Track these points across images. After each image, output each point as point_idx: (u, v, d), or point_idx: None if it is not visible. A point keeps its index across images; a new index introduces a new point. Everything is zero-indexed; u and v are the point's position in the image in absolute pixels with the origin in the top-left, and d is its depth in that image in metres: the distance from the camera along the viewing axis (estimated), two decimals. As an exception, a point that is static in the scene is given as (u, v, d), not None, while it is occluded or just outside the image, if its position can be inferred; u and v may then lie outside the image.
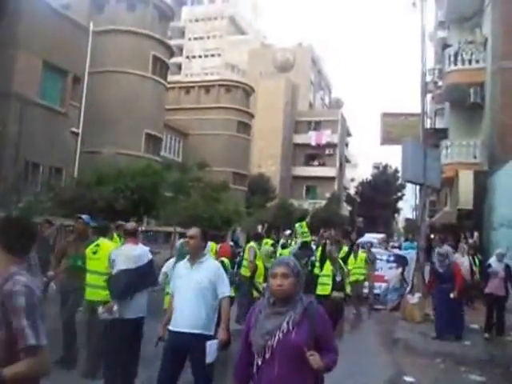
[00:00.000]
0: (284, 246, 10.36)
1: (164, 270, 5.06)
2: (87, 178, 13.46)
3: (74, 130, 17.06)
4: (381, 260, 11.94)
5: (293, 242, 10.55)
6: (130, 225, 5.02)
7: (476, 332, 8.32)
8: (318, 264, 7.31)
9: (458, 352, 7.04)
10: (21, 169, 13.81)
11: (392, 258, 11.81)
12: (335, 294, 6.45)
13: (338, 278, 6.50)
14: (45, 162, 15.70)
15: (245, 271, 7.93)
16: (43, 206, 11.16)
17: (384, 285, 11.12)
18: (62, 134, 16.21)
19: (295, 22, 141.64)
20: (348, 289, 6.90)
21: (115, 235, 7.25)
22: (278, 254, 9.89)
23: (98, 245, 4.98)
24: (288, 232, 11.87)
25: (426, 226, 14.50)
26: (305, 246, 9.58)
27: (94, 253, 4.91)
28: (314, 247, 9.55)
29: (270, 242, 10.23)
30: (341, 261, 6.81)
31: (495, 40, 14.16)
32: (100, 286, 4.66)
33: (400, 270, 11.19)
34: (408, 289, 10.20)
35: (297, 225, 10.50)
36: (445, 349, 7.16)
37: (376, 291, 10.88)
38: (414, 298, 9.50)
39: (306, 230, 10.14)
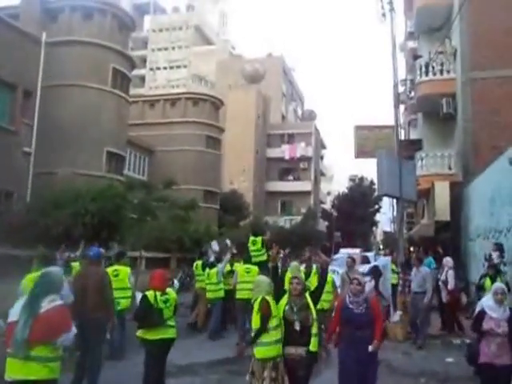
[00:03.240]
0: (212, 265, 9.88)
1: None
2: (41, 202, 12.95)
3: (25, 149, 16.51)
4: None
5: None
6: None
7: (459, 348, 8.44)
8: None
9: (442, 370, 7.27)
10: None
11: (366, 271, 10.43)
12: (291, 350, 4.40)
13: (297, 327, 4.37)
14: (-7, 186, 15.09)
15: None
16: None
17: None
18: (12, 155, 15.65)
19: (264, 32, 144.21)
20: (315, 346, 4.39)
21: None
22: (206, 274, 9.80)
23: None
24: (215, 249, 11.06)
25: (403, 240, 14.76)
26: (259, 263, 9.27)
27: None
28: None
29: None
30: (308, 297, 4.59)
31: (464, 51, 14.77)
32: None
33: (373, 282, 9.73)
34: (387, 304, 9.66)
35: (250, 240, 10.32)
36: (428, 367, 7.42)
37: None
38: (396, 316, 9.56)
39: (260, 247, 10.05)
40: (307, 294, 4.61)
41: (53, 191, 13.58)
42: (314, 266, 8.01)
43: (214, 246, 10.80)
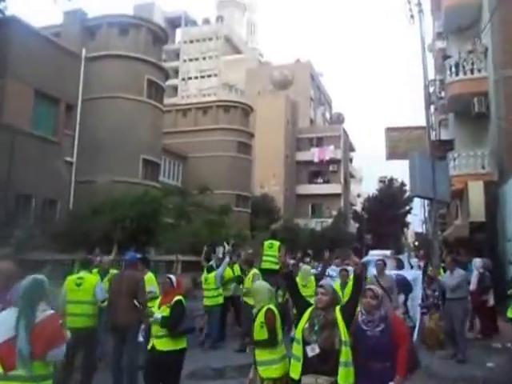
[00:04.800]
0: (210, 269, 9.04)
1: None
2: (82, 210, 13.31)
3: (67, 159, 17.05)
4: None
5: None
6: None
7: (499, 352, 8.02)
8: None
9: (481, 375, 6.89)
10: (12, 202, 13.72)
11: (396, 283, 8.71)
12: (308, 379, 3.29)
13: (315, 351, 3.26)
14: (38, 194, 15.63)
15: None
16: (36, 240, 11.00)
17: None
18: (55, 164, 16.19)
19: (292, 38, 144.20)
20: (345, 378, 3.24)
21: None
22: (203, 278, 8.93)
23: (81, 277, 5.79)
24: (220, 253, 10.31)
25: (439, 242, 14.24)
26: (268, 272, 8.25)
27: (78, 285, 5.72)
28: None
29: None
30: (340, 314, 3.38)
31: (495, 49, 14.18)
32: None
33: (402, 297, 8.39)
34: (413, 325, 8.20)
35: (266, 243, 9.18)
36: (468, 372, 7.03)
37: None
38: (432, 322, 9.14)
39: (277, 253, 8.64)
40: (338, 309, 3.39)
41: (93, 198, 13.92)
42: (351, 271, 7.37)
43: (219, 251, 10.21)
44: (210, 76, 59.48)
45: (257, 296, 4.21)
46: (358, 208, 55.43)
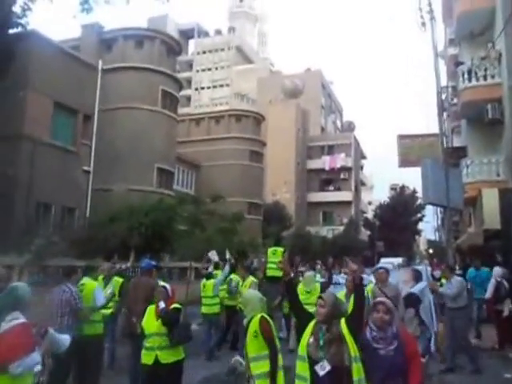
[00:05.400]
0: (209, 276, 8.78)
1: None
2: (100, 217, 13.49)
3: (85, 168, 17.31)
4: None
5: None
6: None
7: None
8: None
9: None
10: (32, 210, 13.96)
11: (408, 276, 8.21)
12: None
13: (326, 368, 2.91)
14: (57, 202, 15.88)
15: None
16: (56, 247, 11.15)
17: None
18: (73, 173, 16.46)
19: (302, 47, 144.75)
20: None
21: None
22: (201, 285, 8.63)
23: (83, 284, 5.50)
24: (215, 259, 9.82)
25: (453, 249, 14.06)
26: (272, 280, 8.01)
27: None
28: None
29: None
30: (346, 327, 3.01)
31: (509, 54, 14.04)
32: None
33: (413, 311, 7.75)
34: (433, 337, 7.55)
35: (270, 250, 8.92)
36: (484, 382, 6.86)
37: None
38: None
39: (281, 259, 7.97)
40: (343, 321, 3.02)
41: (109, 206, 14.10)
42: (366, 279, 7.00)
43: (213, 255, 9.68)
44: (222, 86, 59.98)
45: (248, 305, 3.87)
46: (369, 215, 55.04)
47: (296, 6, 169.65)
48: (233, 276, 9.09)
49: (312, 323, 3.11)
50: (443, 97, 18.89)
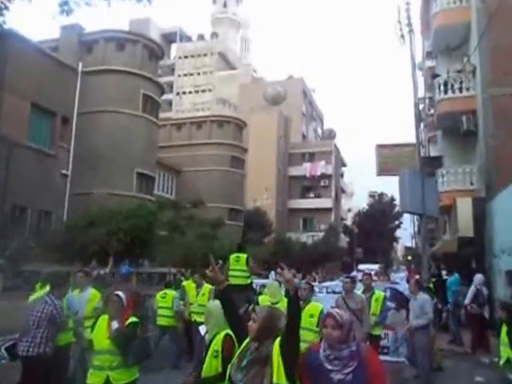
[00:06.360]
0: (169, 284, 8.30)
1: None
2: (78, 221, 13.28)
3: (63, 171, 17.04)
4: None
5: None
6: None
7: (487, 367, 8.06)
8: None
9: None
10: (7, 213, 13.65)
11: (388, 295, 8.10)
12: None
13: None
14: (33, 206, 15.58)
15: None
16: (31, 252, 10.93)
17: (391, 333, 7.70)
18: (51, 177, 16.17)
19: (285, 54, 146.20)
20: None
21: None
22: (159, 296, 7.95)
23: None
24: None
25: (428, 256, 14.39)
26: (238, 288, 7.32)
27: None
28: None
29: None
30: (278, 349, 2.53)
31: (484, 68, 14.55)
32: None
33: (403, 313, 8.01)
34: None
35: (232, 256, 8.13)
36: None
37: (384, 342, 7.57)
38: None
39: (244, 266, 7.88)
40: (277, 342, 2.52)
41: (88, 211, 13.91)
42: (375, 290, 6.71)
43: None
44: (204, 91, 59.92)
45: (211, 319, 3.33)
46: (349, 222, 55.72)
47: (279, 14, 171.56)
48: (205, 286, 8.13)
49: (247, 340, 2.66)
50: (420, 107, 19.40)
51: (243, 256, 8.08)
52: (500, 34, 13.54)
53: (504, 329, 5.13)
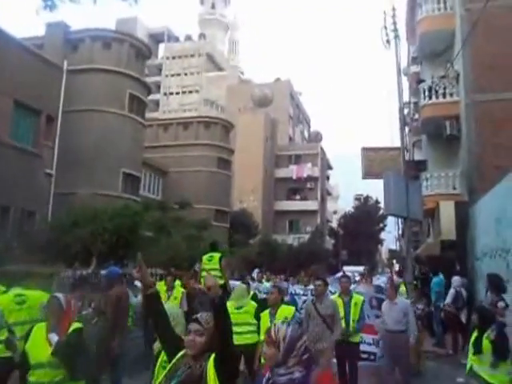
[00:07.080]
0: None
1: None
2: (61, 221, 13.12)
3: (47, 171, 16.79)
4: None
5: None
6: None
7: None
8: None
9: None
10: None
11: (374, 302, 7.60)
12: None
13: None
14: (16, 205, 15.31)
15: None
16: (14, 252, 10.76)
17: (377, 338, 7.23)
18: (34, 176, 15.92)
19: (272, 57, 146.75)
20: None
21: None
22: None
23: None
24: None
25: (412, 259, 14.61)
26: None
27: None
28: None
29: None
30: (213, 367, 2.19)
31: (467, 74, 14.87)
32: None
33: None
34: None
35: (205, 256, 7.87)
36: None
37: (369, 349, 7.16)
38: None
39: (218, 266, 7.58)
40: (212, 358, 2.18)
41: (72, 211, 13.76)
42: (356, 295, 6.36)
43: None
44: (191, 92, 59.72)
45: (176, 327, 2.94)
46: (335, 225, 56.11)
47: (268, 17, 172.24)
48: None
49: (179, 354, 2.28)
50: (405, 112, 19.71)
51: (216, 255, 7.77)
52: (482, 41, 13.85)
53: (474, 334, 4.78)
